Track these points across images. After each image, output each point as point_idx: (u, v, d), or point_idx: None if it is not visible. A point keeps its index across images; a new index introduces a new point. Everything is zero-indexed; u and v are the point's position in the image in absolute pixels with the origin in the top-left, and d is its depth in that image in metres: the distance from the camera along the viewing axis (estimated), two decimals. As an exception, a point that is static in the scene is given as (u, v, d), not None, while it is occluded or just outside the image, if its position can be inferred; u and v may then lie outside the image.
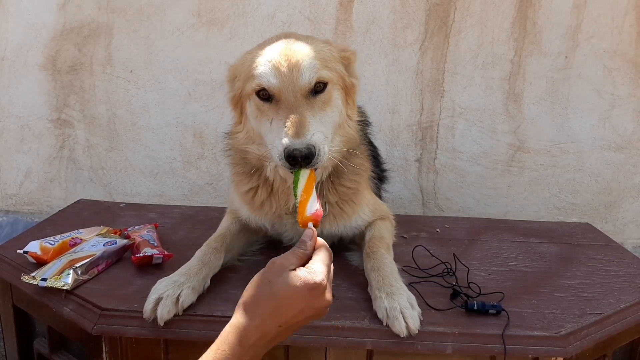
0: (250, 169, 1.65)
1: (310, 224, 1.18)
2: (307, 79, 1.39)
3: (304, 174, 1.28)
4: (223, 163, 2.62)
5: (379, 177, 2.00)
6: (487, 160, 2.58)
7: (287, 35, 1.52)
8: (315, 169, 1.34)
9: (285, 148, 1.28)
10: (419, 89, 2.51)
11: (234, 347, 0.98)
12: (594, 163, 2.56)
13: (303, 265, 1.07)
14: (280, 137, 1.32)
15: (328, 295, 1.06)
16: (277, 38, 1.51)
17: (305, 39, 1.51)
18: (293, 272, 1.03)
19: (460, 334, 1.36)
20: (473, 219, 2.31)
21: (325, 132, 1.39)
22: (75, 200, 2.41)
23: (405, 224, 2.05)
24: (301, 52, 1.42)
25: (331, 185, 1.64)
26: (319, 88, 1.42)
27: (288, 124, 1.32)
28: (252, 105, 1.48)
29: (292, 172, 1.31)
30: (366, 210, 1.78)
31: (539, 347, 1.35)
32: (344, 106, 1.52)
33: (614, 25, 2.40)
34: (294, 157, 1.27)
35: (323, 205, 1.55)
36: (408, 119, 2.55)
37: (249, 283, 1.06)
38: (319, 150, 1.30)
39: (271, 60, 1.41)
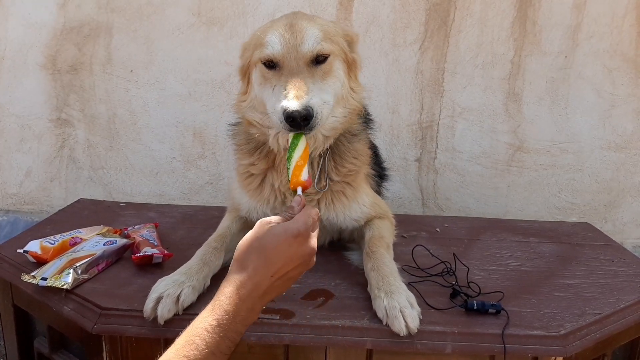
0: (254, 146, 1.70)
1: (299, 189, 1.27)
2: (310, 48, 1.46)
3: (303, 141, 1.35)
4: (223, 162, 2.63)
5: (380, 175, 2.02)
6: (487, 160, 2.58)
7: (295, 13, 1.60)
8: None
9: (285, 110, 1.34)
10: (418, 88, 2.51)
11: (230, 297, 1.03)
12: (594, 163, 2.56)
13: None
14: (280, 100, 1.38)
15: (312, 242, 1.14)
16: (286, 16, 1.58)
17: (312, 16, 1.61)
18: (279, 225, 1.12)
19: (460, 334, 1.36)
20: (473, 219, 2.31)
21: (324, 99, 1.45)
22: (76, 199, 2.41)
23: (405, 223, 2.05)
24: (306, 24, 1.50)
25: (333, 165, 1.68)
26: (320, 59, 1.48)
27: (288, 87, 1.39)
28: (258, 72, 1.55)
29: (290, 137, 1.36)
30: (365, 199, 1.78)
31: (539, 346, 1.35)
32: (346, 78, 1.58)
33: (613, 25, 2.40)
34: (293, 118, 1.33)
35: (325, 180, 1.64)
36: (408, 118, 2.55)
37: (241, 241, 1.13)
38: (317, 112, 1.36)
39: (277, 29, 1.49)
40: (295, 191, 1.28)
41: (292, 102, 1.34)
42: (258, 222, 1.15)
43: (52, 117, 2.63)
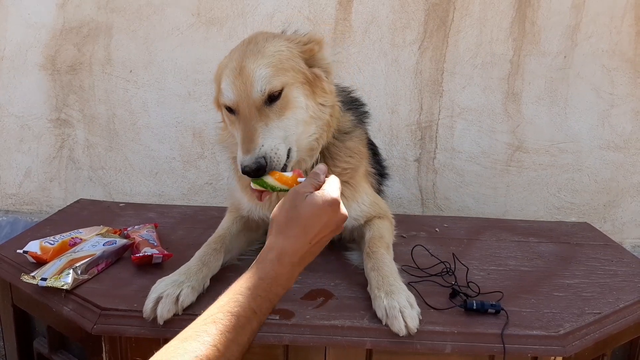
0: None
1: (299, 179, 1.32)
2: (259, 92, 1.46)
3: (266, 178, 1.38)
4: (222, 163, 2.63)
5: (380, 173, 2.02)
6: (486, 160, 2.58)
7: (253, 38, 1.58)
8: (286, 168, 1.46)
9: (241, 164, 1.41)
10: (418, 88, 2.51)
11: (273, 264, 1.10)
12: (593, 163, 2.56)
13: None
14: (238, 157, 1.45)
15: (344, 210, 1.21)
16: (244, 43, 1.58)
17: (266, 41, 1.55)
18: (313, 194, 1.18)
19: (460, 334, 1.36)
20: (472, 219, 2.31)
21: (284, 136, 1.48)
22: (75, 200, 2.41)
23: (404, 223, 2.05)
24: (253, 64, 1.48)
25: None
26: (273, 96, 1.48)
27: (240, 139, 1.46)
28: (224, 114, 1.61)
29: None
30: (365, 199, 1.79)
31: (538, 346, 1.35)
32: (309, 100, 1.56)
33: (612, 25, 2.41)
34: (247, 172, 1.39)
35: None
36: (407, 118, 2.55)
37: (276, 210, 1.19)
38: (270, 157, 1.41)
39: (229, 76, 1.50)
40: (299, 184, 1.31)
41: (243, 157, 1.40)
42: (292, 191, 1.21)
43: (51, 117, 2.63)
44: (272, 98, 1.48)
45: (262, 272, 1.09)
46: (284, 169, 1.45)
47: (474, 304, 1.43)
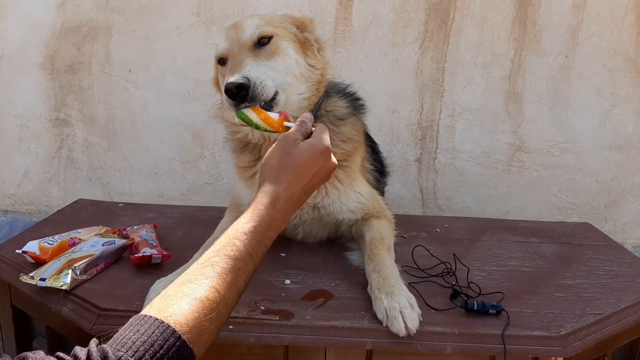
0: (245, 144, 1.77)
1: (285, 123, 1.34)
2: (249, 33, 1.56)
3: (247, 111, 1.39)
4: (222, 163, 2.63)
5: (380, 171, 2.02)
6: (487, 160, 2.57)
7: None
8: (270, 108, 1.47)
9: (224, 87, 1.42)
10: (418, 88, 2.51)
11: (267, 207, 1.13)
12: (594, 163, 2.56)
13: (307, 138, 1.26)
14: (222, 88, 1.47)
15: (334, 159, 1.26)
16: None
17: (260, 14, 1.74)
18: (305, 142, 1.22)
19: (460, 334, 1.35)
20: (473, 219, 2.30)
21: (272, 75, 1.51)
22: (74, 200, 2.40)
23: (405, 223, 2.04)
24: (248, 19, 1.62)
25: None
26: (263, 42, 1.57)
27: (229, 68, 1.52)
28: (220, 75, 1.67)
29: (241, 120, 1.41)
30: (362, 188, 1.79)
31: (539, 347, 1.34)
32: (300, 56, 1.64)
33: (613, 25, 2.40)
34: (229, 90, 1.39)
35: None
36: (408, 118, 2.54)
37: (267, 156, 1.22)
38: (255, 83, 1.42)
39: (225, 31, 1.62)
40: (286, 128, 1.34)
41: (228, 77, 1.43)
42: (282, 137, 1.23)
43: (50, 117, 2.62)
44: (262, 43, 1.56)
45: (257, 217, 1.11)
46: (268, 109, 1.45)
47: (475, 305, 1.42)
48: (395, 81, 2.50)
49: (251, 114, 1.38)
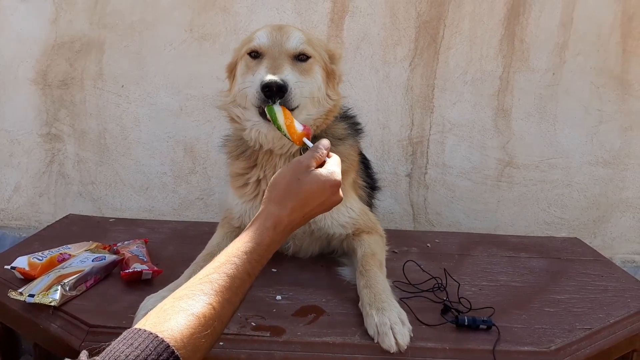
0: (242, 151, 1.79)
1: (304, 140, 1.36)
2: (294, 45, 1.60)
3: (278, 107, 1.43)
4: (214, 178, 2.63)
5: (371, 186, 2.05)
6: (477, 176, 2.60)
7: (286, 24, 1.77)
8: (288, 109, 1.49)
9: (262, 81, 1.44)
10: (409, 104, 2.53)
11: (269, 229, 1.15)
12: (582, 178, 2.58)
13: (320, 166, 1.26)
14: (258, 77, 1.49)
15: (341, 193, 1.28)
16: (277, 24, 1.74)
17: (304, 30, 1.76)
18: (317, 171, 1.22)
19: (451, 350, 1.35)
20: (463, 234, 2.32)
21: (301, 88, 1.56)
22: (64, 215, 2.39)
23: (396, 238, 2.05)
24: (294, 29, 1.66)
25: None
26: (302, 57, 1.62)
27: (269, 66, 1.53)
28: (242, 64, 1.67)
29: (265, 119, 1.48)
30: (353, 204, 1.81)
31: (530, 362, 1.35)
32: (323, 83, 1.70)
33: (600, 43, 2.45)
34: (269, 87, 1.43)
35: None
36: (398, 134, 2.56)
37: (277, 177, 1.23)
38: (291, 88, 1.48)
39: (267, 28, 1.65)
40: (303, 144, 1.37)
41: (269, 75, 1.46)
42: (296, 161, 1.24)
43: (41, 132, 2.62)
44: (301, 59, 1.62)
45: (258, 237, 1.13)
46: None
47: (466, 320, 1.42)
48: (386, 97, 2.53)
49: (281, 113, 1.42)
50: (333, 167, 1.26)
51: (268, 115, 1.45)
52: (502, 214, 2.64)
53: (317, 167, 1.25)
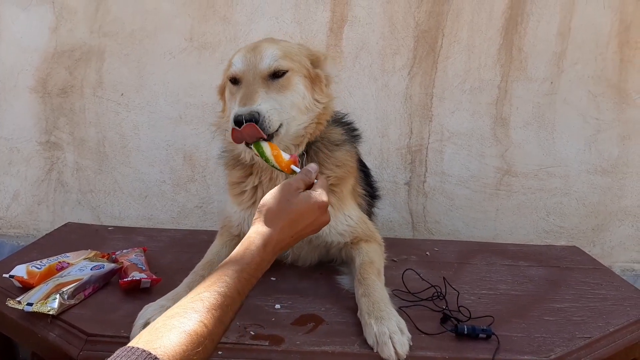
0: (238, 161, 1.80)
1: (292, 166, 1.41)
2: (267, 64, 1.60)
3: (265, 144, 1.44)
4: (213, 186, 2.63)
5: (371, 194, 2.05)
6: (476, 184, 2.60)
7: (265, 38, 1.79)
8: (271, 138, 1.51)
9: (233, 114, 1.48)
10: (408, 113, 2.54)
11: (259, 248, 1.18)
12: (581, 187, 2.59)
13: (308, 188, 1.32)
14: (233, 111, 1.51)
15: (329, 214, 1.33)
16: (256, 41, 1.75)
17: (279, 40, 1.76)
18: (305, 193, 1.29)
19: (451, 359, 1.35)
20: (462, 242, 2.31)
21: (279, 109, 1.57)
22: (63, 223, 2.38)
23: (395, 247, 2.05)
24: (267, 45, 1.66)
25: None
26: (278, 74, 1.61)
27: (241, 96, 1.54)
28: (227, 90, 1.72)
29: (250, 147, 1.48)
30: (352, 212, 1.81)
31: (530, 371, 1.34)
32: (307, 92, 1.69)
33: (597, 52, 2.46)
34: (239, 122, 1.44)
35: None
36: (397, 142, 2.57)
37: (268, 198, 1.27)
38: (264, 117, 1.48)
39: (242, 51, 1.66)
40: (292, 171, 1.41)
41: (239, 108, 1.49)
42: (285, 184, 1.30)
43: (41, 140, 2.62)
44: (276, 75, 1.61)
45: (249, 257, 1.16)
46: (269, 139, 1.50)
47: (465, 329, 1.42)
48: (385, 106, 2.54)
49: (267, 148, 1.44)
50: (320, 188, 1.31)
51: (255, 152, 1.46)
52: (501, 222, 2.64)
53: (305, 189, 1.30)
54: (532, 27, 2.44)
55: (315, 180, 1.35)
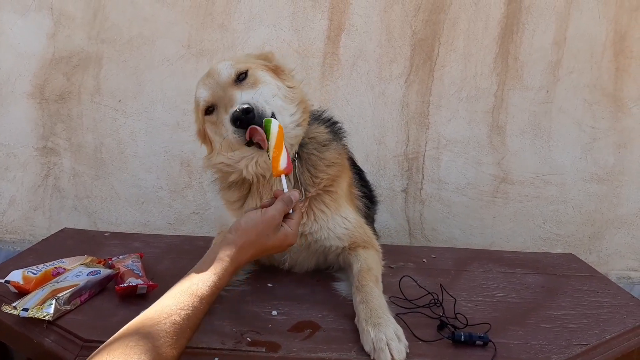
0: (235, 181, 1.78)
1: (282, 176, 1.47)
2: (227, 73, 1.64)
3: (275, 125, 1.46)
4: (210, 192, 2.63)
5: (369, 197, 2.05)
6: (473, 191, 2.61)
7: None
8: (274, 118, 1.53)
9: (231, 119, 1.49)
10: (404, 120, 2.55)
11: (230, 276, 1.30)
12: (577, 194, 2.60)
13: (285, 217, 1.43)
14: (228, 124, 1.53)
15: (294, 239, 1.43)
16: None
17: (231, 56, 1.81)
18: (281, 231, 1.39)
19: (448, 366, 1.35)
20: (459, 250, 2.32)
21: (262, 99, 1.58)
22: (59, 229, 2.38)
23: (392, 254, 2.04)
24: (217, 63, 1.69)
25: (309, 176, 1.74)
26: (242, 77, 1.64)
27: (224, 109, 1.57)
28: (208, 124, 1.70)
29: (246, 143, 1.53)
30: (348, 214, 1.80)
31: (526, 378, 1.34)
32: (278, 81, 1.72)
33: (593, 61, 2.48)
34: (238, 118, 1.47)
35: (301, 190, 1.70)
36: (394, 150, 2.58)
37: (248, 226, 1.35)
38: (254, 104, 1.51)
39: (200, 84, 1.69)
40: (279, 176, 1.48)
41: (231, 110, 1.51)
42: (269, 217, 1.37)
43: (38, 145, 2.62)
44: (241, 78, 1.64)
45: (220, 282, 1.26)
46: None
47: (462, 336, 1.42)
48: (382, 113, 2.55)
49: (276, 127, 1.46)
50: (294, 225, 1.42)
51: (264, 127, 1.47)
52: (498, 229, 2.65)
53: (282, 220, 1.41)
54: (527, 36, 2.46)
55: (291, 211, 1.43)
